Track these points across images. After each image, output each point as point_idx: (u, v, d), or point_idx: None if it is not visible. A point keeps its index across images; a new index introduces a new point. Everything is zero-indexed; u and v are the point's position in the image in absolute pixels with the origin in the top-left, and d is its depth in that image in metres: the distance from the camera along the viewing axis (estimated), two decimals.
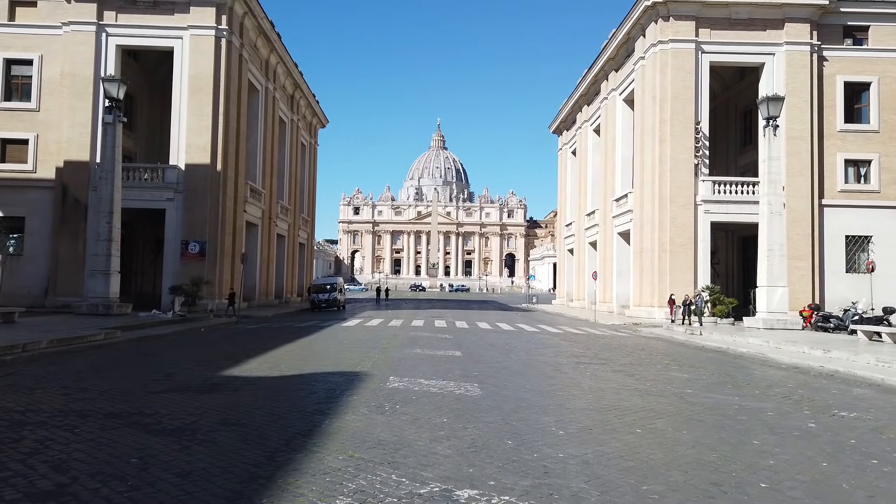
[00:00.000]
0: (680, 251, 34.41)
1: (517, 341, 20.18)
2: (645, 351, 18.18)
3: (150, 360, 13.68)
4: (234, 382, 10.30)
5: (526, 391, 9.95)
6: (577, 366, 13.63)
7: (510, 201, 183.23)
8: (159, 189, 34.53)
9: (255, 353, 14.81)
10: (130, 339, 18.14)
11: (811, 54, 34.97)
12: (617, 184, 42.75)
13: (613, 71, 43.50)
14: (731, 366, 15.05)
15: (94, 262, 24.97)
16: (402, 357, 14.49)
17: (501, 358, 14.88)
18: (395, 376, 11.23)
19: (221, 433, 6.88)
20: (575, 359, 15.01)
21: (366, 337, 20.51)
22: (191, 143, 34.69)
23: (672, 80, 34.92)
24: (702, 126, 35.18)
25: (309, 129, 58.20)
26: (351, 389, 9.76)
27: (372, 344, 17.91)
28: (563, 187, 61.14)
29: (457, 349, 16.74)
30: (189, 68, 34.95)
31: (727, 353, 18.33)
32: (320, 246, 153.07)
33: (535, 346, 18.76)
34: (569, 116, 56.91)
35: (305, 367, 12.34)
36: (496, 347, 17.66)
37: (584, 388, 10.53)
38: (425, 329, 24.63)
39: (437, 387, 10.17)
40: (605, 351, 17.45)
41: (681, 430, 7.52)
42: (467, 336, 21.68)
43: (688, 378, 12.34)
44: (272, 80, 44.40)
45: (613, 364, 14.28)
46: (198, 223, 34.37)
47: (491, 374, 11.93)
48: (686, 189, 34.66)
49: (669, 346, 20.59)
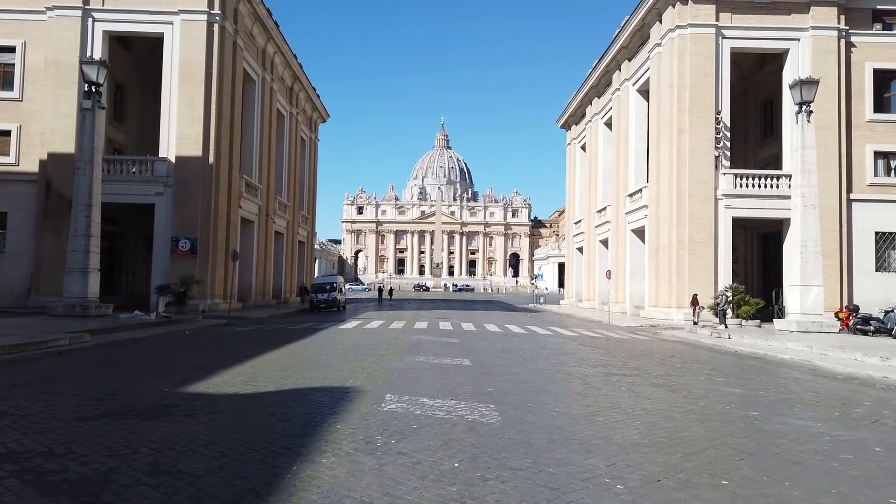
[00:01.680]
0: (699, 248, 32.37)
1: (531, 346, 18.17)
2: (676, 358, 16.15)
3: (107, 371, 11.70)
4: (192, 403, 8.32)
5: (556, 416, 7.93)
6: (608, 378, 11.61)
7: (514, 201, 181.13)
8: (148, 183, 32.64)
9: (233, 362, 12.83)
10: (99, 344, 16.19)
11: (838, 40, 32.90)
12: (630, 178, 40.68)
13: (626, 60, 41.42)
14: (782, 376, 13.02)
15: (71, 260, 23.06)
16: (403, 367, 12.48)
17: (518, 368, 12.86)
18: (392, 394, 9.23)
19: (141, 489, 4.89)
20: (603, 369, 12.98)
21: (363, 341, 18.52)
22: (181, 134, 32.80)
23: (691, 66, 32.86)
24: (723, 116, 33.12)
25: (309, 123, 56.24)
26: (336, 414, 7.77)
27: (369, 350, 15.92)
28: (571, 183, 59.06)
29: (465, 356, 14.74)
30: (180, 55, 33.05)
31: (768, 361, 16.29)
32: (324, 245, 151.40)
33: (553, 352, 16.74)
34: (578, 110, 54.81)
35: (286, 381, 10.34)
36: (509, 354, 15.65)
37: (626, 410, 8.50)
38: (429, 332, 22.63)
39: (443, 409, 8.17)
40: (632, 358, 15.42)
41: (780, 480, 5.49)
42: (475, 340, 19.69)
43: (743, 394, 10.32)
44: (269, 70, 42.46)
45: (648, 375, 12.26)
46: (189, 219, 32.48)
47: (508, 390, 9.93)
48: (706, 183, 32.61)
49: (699, 351, 18.55)
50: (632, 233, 39.92)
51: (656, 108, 35.89)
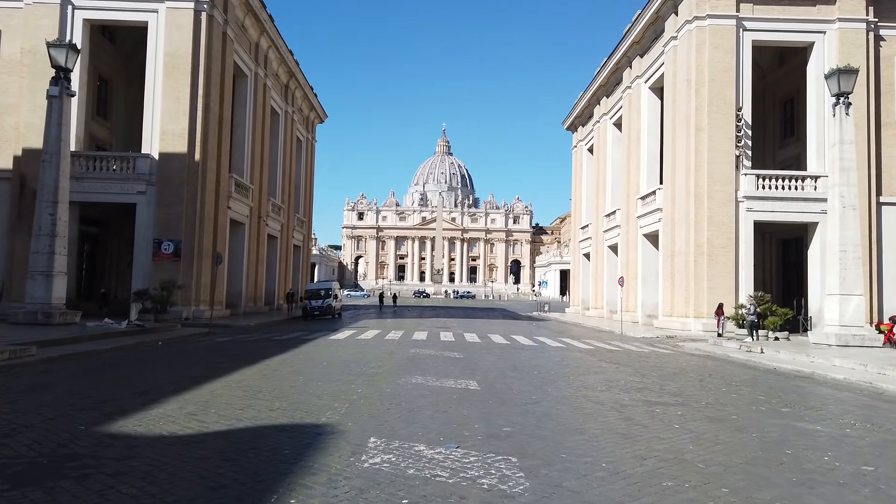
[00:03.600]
0: (719, 254, 30.19)
1: (546, 363, 15.92)
2: (716, 378, 13.91)
3: (27, 396, 9.40)
4: (103, 452, 6.06)
5: (606, 479, 5.56)
6: (651, 409, 9.35)
7: (516, 207, 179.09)
8: (129, 181, 30.53)
9: (191, 384, 10.60)
10: (47, 358, 13.96)
11: (867, 33, 30.89)
12: (642, 180, 38.53)
13: (638, 56, 39.36)
14: (853, 404, 10.79)
15: (34, 262, 20.88)
16: (396, 393, 10.24)
17: (536, 393, 10.62)
18: (378, 437, 6.96)
19: None
20: (638, 395, 10.73)
21: (354, 356, 16.27)
22: (165, 129, 30.73)
23: (710, 60, 30.78)
24: (744, 113, 31.00)
25: (306, 123, 54.13)
26: (294, 475, 5.49)
27: (359, 368, 13.66)
28: (577, 187, 56.95)
29: (471, 376, 12.50)
30: (164, 45, 31.05)
31: (820, 382, 14.05)
32: (324, 251, 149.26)
33: (573, 370, 14.48)
34: (585, 110, 52.71)
35: (244, 415, 8.07)
36: (523, 374, 13.39)
37: (696, 465, 6.21)
38: (429, 344, 20.39)
39: (447, 466, 5.91)
40: (666, 380, 13.17)
41: None
42: (481, 355, 17.45)
43: (830, 434, 8.07)
44: (263, 65, 40.38)
45: (696, 405, 10.02)
46: (173, 220, 30.34)
47: (531, 430, 7.64)
48: (726, 184, 30.47)
49: (735, 369, 16.31)
50: (644, 238, 37.74)
51: (671, 105, 33.80)
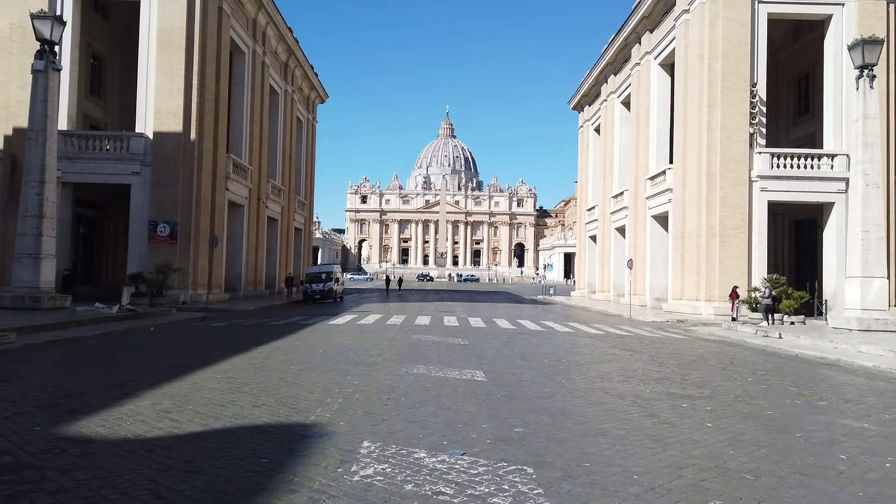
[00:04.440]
0: (731, 235, 29.24)
1: (555, 350, 15.08)
2: (737, 366, 13.05)
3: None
4: (50, 463, 5.15)
5: (641, 498, 4.55)
6: (676, 404, 8.48)
7: (520, 190, 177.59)
8: (123, 161, 29.65)
9: (173, 375, 9.79)
10: (27, 345, 13.19)
11: (888, 5, 29.57)
12: (651, 160, 37.42)
13: (648, 32, 38.02)
14: (894, 395, 9.91)
15: (21, 244, 20.06)
16: (395, 385, 9.39)
17: (549, 386, 9.77)
18: (372, 441, 6.07)
19: None
20: (659, 386, 9.87)
21: (353, 343, 15.45)
22: (160, 107, 29.79)
23: (723, 34, 29.56)
24: (758, 89, 29.83)
25: (306, 103, 52.95)
26: (267, 493, 4.60)
27: (357, 356, 12.84)
28: (583, 168, 55.77)
29: (477, 366, 11.67)
30: (158, 20, 29.98)
31: (848, 370, 13.18)
32: (327, 235, 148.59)
33: (585, 358, 13.63)
34: (592, 89, 51.36)
35: (223, 413, 7.23)
36: (532, 362, 12.55)
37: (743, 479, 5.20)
38: (432, 329, 19.57)
39: (451, 479, 4.99)
40: (686, 368, 12.31)
41: None
42: (487, 341, 16.62)
43: (886, 434, 7.11)
44: (261, 42, 39.20)
45: (724, 397, 9.16)
46: (169, 201, 29.50)
47: (546, 430, 6.75)
48: (739, 163, 29.41)
49: (755, 356, 15.45)
50: (653, 219, 36.73)
51: (683, 81, 32.60)
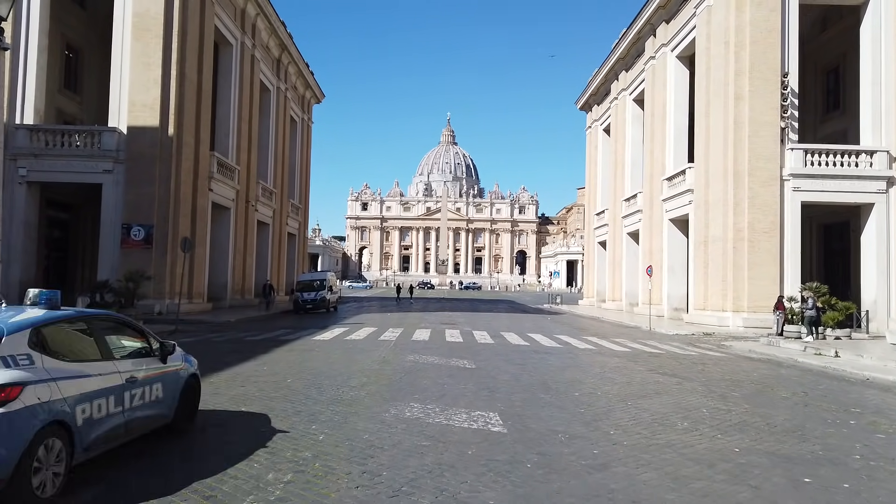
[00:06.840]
0: (762, 240, 26.61)
1: (585, 376, 12.31)
2: (815, 398, 10.35)
3: None
4: None
5: None
6: (793, 479, 5.72)
7: (521, 197, 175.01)
8: (94, 158, 27.08)
9: None
10: None
11: None
12: (668, 159, 34.81)
13: (664, 23, 35.49)
14: None
15: None
16: (377, 442, 6.53)
17: (596, 441, 6.98)
18: None
19: None
20: (745, 438, 7.13)
21: (334, 367, 12.70)
22: (134, 99, 27.25)
23: (751, 20, 27.05)
24: (790, 80, 27.26)
25: (301, 102, 50.44)
26: None
27: (334, 389, 10.04)
28: (591, 171, 53.16)
29: (489, 404, 8.94)
30: (133, 4, 27.58)
31: None
32: (327, 242, 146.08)
33: (625, 389, 10.85)
34: (601, 87, 48.81)
35: None
36: (559, 396, 9.80)
37: None
38: (432, 347, 16.84)
39: None
40: (759, 406, 9.56)
41: None
42: (498, 363, 13.88)
43: None
44: (250, 34, 36.70)
45: (848, 462, 6.46)
46: (144, 202, 26.90)
47: None
48: (770, 160, 26.82)
49: (826, 381, 12.73)
50: (670, 223, 34.07)
51: (705, 73, 30.04)
